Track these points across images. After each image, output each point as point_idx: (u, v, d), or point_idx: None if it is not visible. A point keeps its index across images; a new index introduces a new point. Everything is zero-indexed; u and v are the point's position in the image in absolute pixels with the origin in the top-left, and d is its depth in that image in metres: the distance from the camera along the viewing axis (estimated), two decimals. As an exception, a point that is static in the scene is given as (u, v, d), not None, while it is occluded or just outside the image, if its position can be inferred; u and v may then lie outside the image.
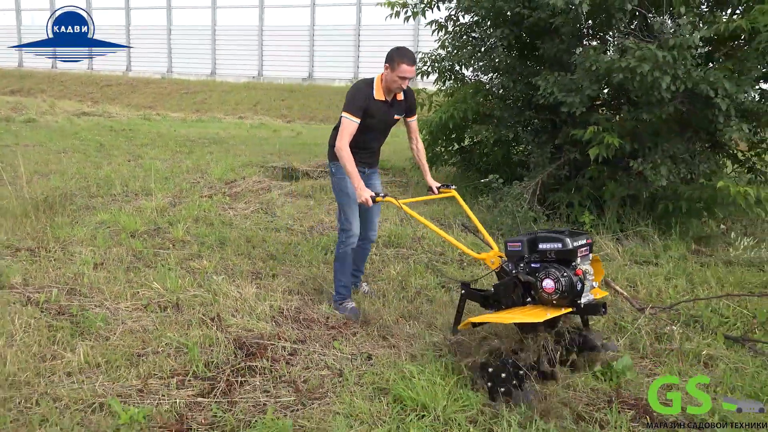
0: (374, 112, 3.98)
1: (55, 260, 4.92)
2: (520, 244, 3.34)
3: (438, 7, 7.98)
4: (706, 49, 5.85)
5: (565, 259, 3.19)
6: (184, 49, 29.37)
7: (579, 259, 3.20)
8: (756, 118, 5.87)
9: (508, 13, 6.78)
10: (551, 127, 7.18)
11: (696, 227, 6.52)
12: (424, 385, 3.11)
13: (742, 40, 5.63)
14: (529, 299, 3.29)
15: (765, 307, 4.45)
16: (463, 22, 7.91)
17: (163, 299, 4.16)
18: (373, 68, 25.34)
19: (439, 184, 4.29)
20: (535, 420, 2.87)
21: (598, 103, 6.56)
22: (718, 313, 4.40)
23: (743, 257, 5.57)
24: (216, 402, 2.98)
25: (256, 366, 3.32)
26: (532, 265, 3.28)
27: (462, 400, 3.08)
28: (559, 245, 3.18)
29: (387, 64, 3.89)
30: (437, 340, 3.76)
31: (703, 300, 4.55)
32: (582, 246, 3.22)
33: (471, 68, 7.93)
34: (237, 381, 3.18)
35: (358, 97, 3.91)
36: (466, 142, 8.53)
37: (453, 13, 7.87)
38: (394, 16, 7.94)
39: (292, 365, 3.41)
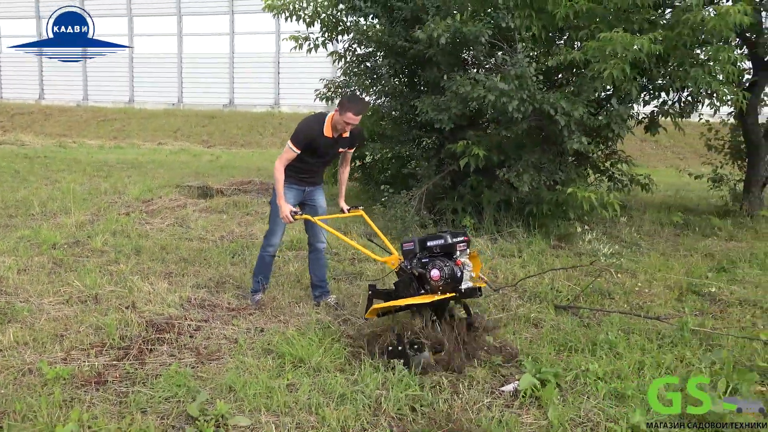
0: (319, 146, 4.52)
1: (-21, 269, 5.39)
2: (412, 243, 4.11)
3: (337, 40, 8.90)
4: (549, 76, 7.03)
5: (448, 252, 3.98)
6: (101, 76, 29.21)
7: (458, 253, 3.99)
8: (594, 133, 7.07)
9: (394, 45, 7.78)
10: (438, 144, 8.19)
11: (560, 227, 7.63)
12: (302, 345, 3.88)
13: (580, 69, 6.81)
14: (422, 291, 4.02)
15: (593, 283, 5.51)
16: (360, 53, 8.87)
17: (82, 294, 4.76)
18: (293, 94, 26.19)
19: (348, 207, 4.98)
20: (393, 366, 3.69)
21: (465, 124, 7.61)
22: (555, 289, 5.42)
23: (587, 248, 6.69)
24: (129, 363, 3.64)
25: (165, 338, 4.01)
26: (423, 260, 4.05)
27: (334, 355, 3.87)
28: (442, 241, 3.96)
29: (337, 108, 4.39)
30: (321, 316, 4.55)
31: (536, 276, 5.62)
32: (460, 242, 4.02)
33: (370, 94, 8.87)
34: (147, 349, 3.86)
35: (305, 133, 4.43)
36: (368, 159, 9.43)
37: (349, 45, 8.82)
38: (297, 48, 8.79)
39: (196, 337, 4.11)
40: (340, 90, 9.07)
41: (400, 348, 3.81)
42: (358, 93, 9.04)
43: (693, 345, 4.29)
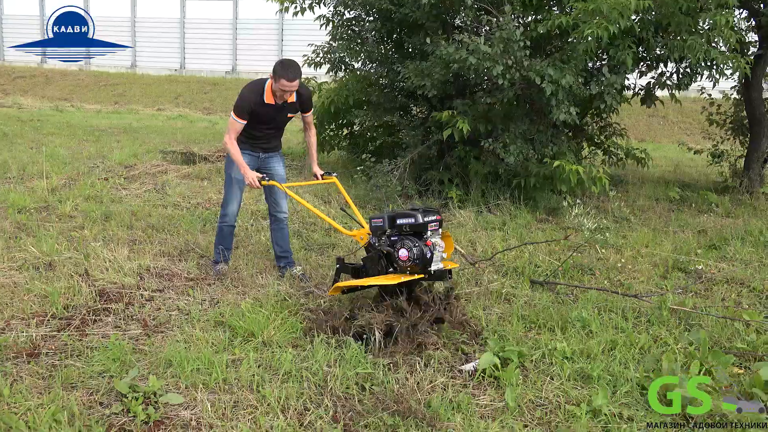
0: (263, 115, 4.36)
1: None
2: (381, 220, 3.87)
3: (324, 3, 8.57)
4: (539, 45, 6.70)
5: (418, 232, 3.73)
6: (104, 40, 28.83)
7: (429, 233, 3.75)
8: (587, 105, 6.76)
9: (380, 7, 7.45)
10: (426, 113, 7.92)
11: (550, 200, 7.37)
12: (255, 318, 3.69)
13: (570, 37, 6.46)
14: (391, 269, 3.82)
15: (572, 258, 5.29)
16: (348, 17, 8.53)
17: (37, 261, 4.58)
18: (297, 59, 25.76)
19: (322, 172, 4.73)
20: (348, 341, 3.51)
21: (453, 93, 7.30)
22: (533, 264, 5.20)
23: (573, 222, 6.44)
24: (69, 335, 3.47)
25: (112, 308, 3.83)
26: (392, 238, 3.83)
27: (288, 329, 3.68)
28: (413, 220, 3.71)
29: (271, 75, 4.21)
30: (282, 288, 4.35)
31: (512, 250, 5.42)
32: (432, 221, 3.77)
33: (358, 59, 8.56)
34: (91, 320, 3.68)
35: (245, 103, 4.27)
36: (356, 128, 9.16)
37: (335, 7, 8.48)
38: (283, 11, 8.47)
39: (146, 308, 3.93)
40: (328, 56, 8.76)
41: (352, 326, 3.62)
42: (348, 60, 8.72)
43: (671, 324, 4.08)
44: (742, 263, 5.50)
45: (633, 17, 6.15)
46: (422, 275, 3.73)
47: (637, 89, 7.97)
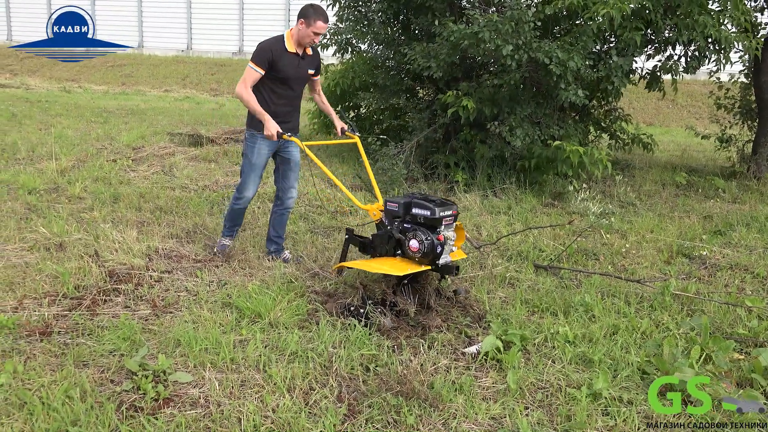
0: (287, 64, 4.23)
1: (-49, 212, 5.30)
2: (397, 205, 3.81)
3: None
4: (547, 27, 6.66)
5: (432, 225, 3.69)
6: (111, 20, 28.75)
7: (443, 227, 3.74)
8: (594, 87, 6.73)
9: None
10: (433, 96, 7.90)
11: (555, 185, 7.38)
12: (261, 299, 3.75)
13: (578, 18, 6.43)
14: (399, 252, 3.83)
15: (576, 243, 5.31)
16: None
17: (48, 242, 4.65)
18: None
19: (346, 127, 4.62)
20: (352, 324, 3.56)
21: (459, 76, 7.27)
22: (538, 248, 5.23)
23: (579, 207, 6.46)
24: (80, 314, 3.54)
25: (121, 288, 3.89)
26: (405, 225, 3.81)
27: (295, 311, 3.74)
28: (428, 213, 3.65)
29: (302, 20, 4.15)
30: (288, 270, 4.41)
31: (515, 234, 5.47)
32: (447, 216, 3.72)
33: (365, 41, 8.53)
34: (102, 300, 3.75)
35: (265, 49, 4.17)
36: (363, 111, 9.16)
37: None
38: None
39: (155, 289, 3.99)
40: (335, 38, 8.72)
41: (361, 310, 3.67)
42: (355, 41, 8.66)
43: (673, 310, 4.12)
44: (746, 249, 5.52)
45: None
46: (429, 267, 3.75)
47: (644, 73, 7.92)
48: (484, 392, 3.08)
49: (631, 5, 5.78)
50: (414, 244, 3.68)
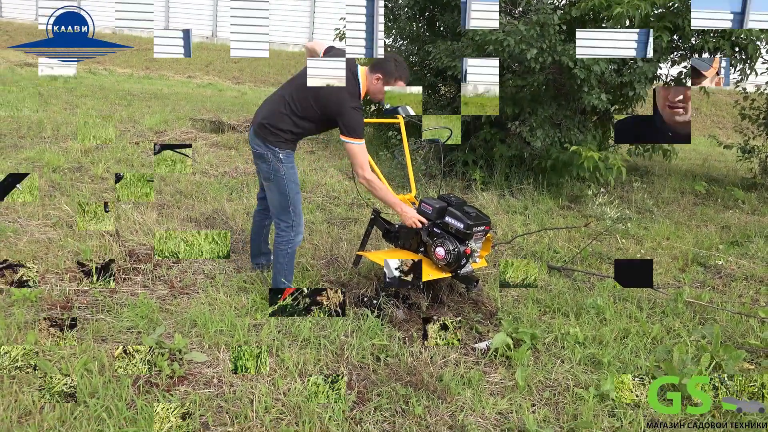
0: None
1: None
2: (431, 209, 3.74)
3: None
4: (572, 30, 6.63)
5: (463, 238, 3.64)
6: (137, 3, 28.99)
7: (473, 241, 3.69)
8: (616, 92, 6.72)
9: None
10: (454, 93, 7.92)
11: (573, 188, 7.37)
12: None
13: (604, 21, 6.41)
14: (422, 249, 3.85)
15: (591, 246, 5.32)
16: (382, -9, 8.51)
17: (71, 219, 4.75)
18: (327, 34, 25.67)
19: (393, 108, 3.94)
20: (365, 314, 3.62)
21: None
22: (552, 249, 5.24)
23: (596, 211, 6.45)
24: (100, 291, 3.62)
25: (140, 268, 3.98)
26: (435, 229, 3.74)
27: (308, 299, 3.80)
28: (462, 226, 3.61)
29: (380, 75, 3.55)
30: (303, 260, 4.47)
31: (530, 234, 5.51)
32: (479, 231, 3.68)
33: (390, 35, 8.56)
34: (121, 278, 3.83)
35: (360, 117, 3.55)
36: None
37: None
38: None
39: (173, 270, 4.07)
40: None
41: (375, 301, 3.72)
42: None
43: (685, 317, 4.12)
44: (763, 261, 5.49)
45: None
46: (449, 275, 3.78)
47: (668, 80, 7.88)
48: (492, 387, 3.13)
49: (656, 5, 5.73)
50: (440, 252, 3.66)
